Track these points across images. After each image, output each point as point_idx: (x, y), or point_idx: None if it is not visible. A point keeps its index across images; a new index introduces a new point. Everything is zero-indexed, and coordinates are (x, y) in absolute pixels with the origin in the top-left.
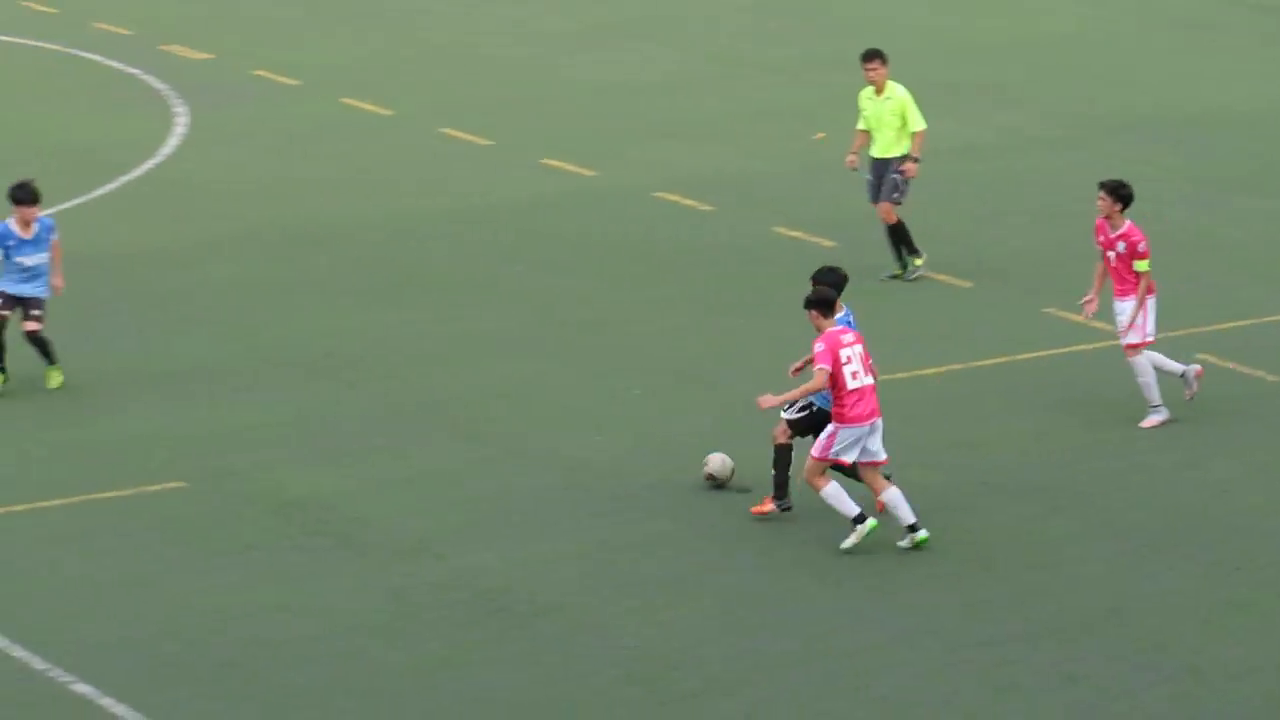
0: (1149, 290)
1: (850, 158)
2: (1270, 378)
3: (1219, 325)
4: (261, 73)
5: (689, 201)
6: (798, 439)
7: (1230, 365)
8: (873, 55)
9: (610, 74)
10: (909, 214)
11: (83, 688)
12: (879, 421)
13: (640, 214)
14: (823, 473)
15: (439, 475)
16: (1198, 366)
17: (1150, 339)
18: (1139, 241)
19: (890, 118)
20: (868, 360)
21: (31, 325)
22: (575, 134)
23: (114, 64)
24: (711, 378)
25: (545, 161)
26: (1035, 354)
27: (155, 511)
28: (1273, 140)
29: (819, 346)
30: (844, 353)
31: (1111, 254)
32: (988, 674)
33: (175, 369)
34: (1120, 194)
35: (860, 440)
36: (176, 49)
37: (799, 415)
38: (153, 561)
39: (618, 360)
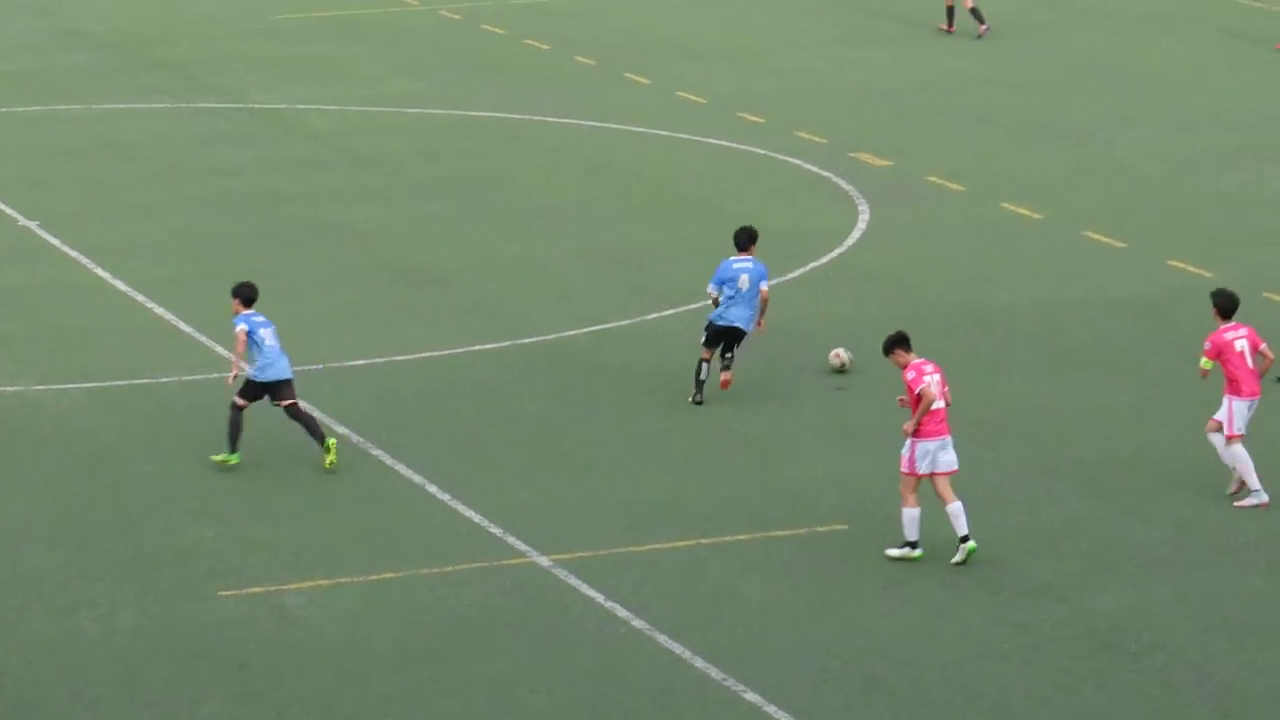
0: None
1: None
2: None
3: None
4: (934, 179)
5: None
6: None
7: None
8: None
9: (1234, 188)
10: None
11: (752, 696)
12: (949, 439)
13: (1248, 311)
14: (914, 488)
15: (1065, 525)
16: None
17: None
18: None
19: None
20: (944, 387)
21: None
22: (1198, 238)
23: (809, 167)
24: None
25: (1170, 262)
26: None
27: (822, 548)
28: None
29: (910, 375)
30: (926, 378)
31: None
32: None
33: (849, 426)
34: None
35: (931, 453)
36: (863, 156)
37: None
38: (819, 590)
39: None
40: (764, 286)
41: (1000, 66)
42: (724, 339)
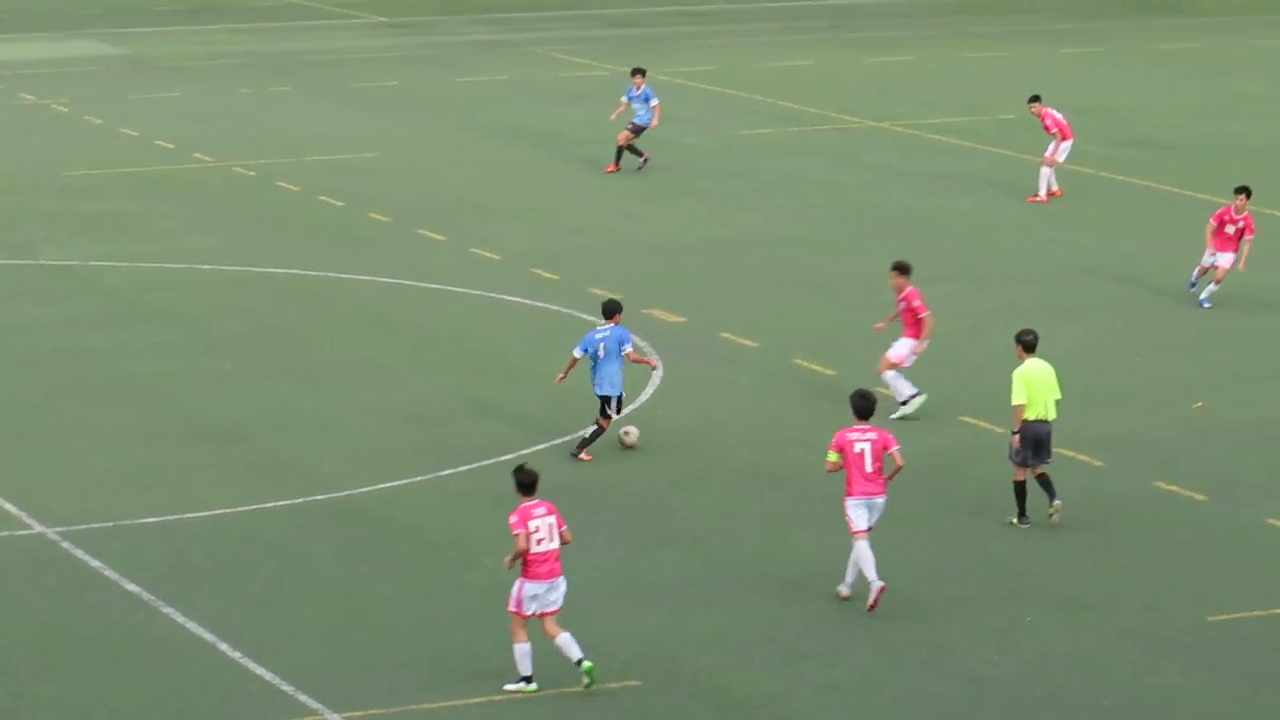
0: None
1: None
2: None
3: None
4: (727, 335)
5: None
6: None
7: None
8: None
9: None
10: None
11: None
12: (560, 580)
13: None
14: (523, 626)
15: (859, 681)
16: None
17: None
18: None
19: None
20: (562, 527)
21: None
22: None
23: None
24: None
25: (961, 418)
26: None
27: (614, 704)
28: None
29: (513, 518)
30: (532, 524)
31: None
32: None
33: (640, 582)
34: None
35: (538, 596)
36: (657, 312)
37: None
38: None
39: None
40: (628, 349)
41: (794, 223)
42: (607, 402)
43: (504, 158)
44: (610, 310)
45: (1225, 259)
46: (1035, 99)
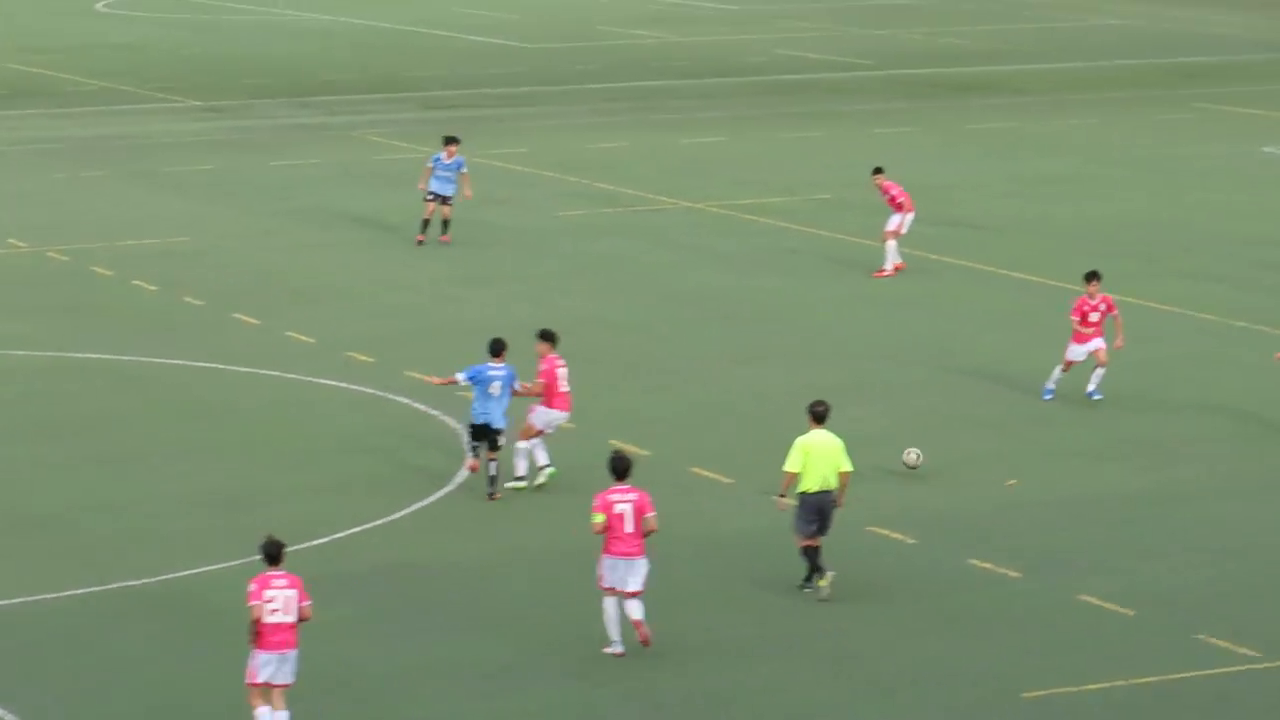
0: None
1: None
2: None
3: None
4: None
5: None
6: None
7: None
8: None
9: (834, 425)
10: None
11: None
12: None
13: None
14: (259, 695)
15: None
16: None
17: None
18: None
19: None
20: (304, 601)
21: None
22: None
23: (418, 406)
24: None
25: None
26: None
27: None
28: None
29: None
30: (268, 593)
31: None
32: None
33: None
34: None
35: (269, 665)
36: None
37: None
38: None
39: None
40: (516, 386)
41: (610, 305)
42: (485, 435)
43: (319, 241)
44: (498, 349)
45: (1097, 344)
46: (878, 171)
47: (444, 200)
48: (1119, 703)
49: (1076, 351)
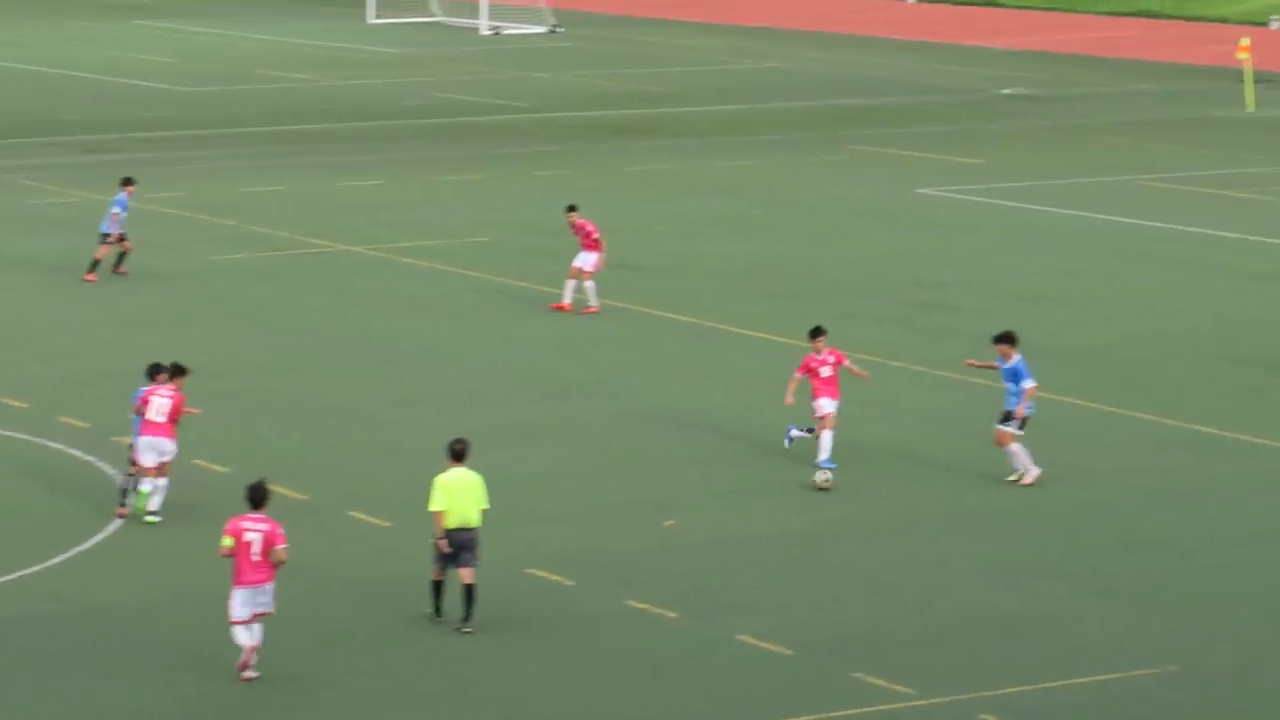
0: None
1: None
2: None
3: None
4: (200, 461)
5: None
6: None
7: None
8: None
9: (495, 462)
10: None
11: None
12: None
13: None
14: None
15: None
16: None
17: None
18: None
19: None
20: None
21: None
22: None
23: (73, 452)
24: None
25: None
26: None
27: None
28: None
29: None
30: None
31: None
32: None
33: None
34: None
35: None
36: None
37: None
38: None
39: None
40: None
41: (267, 350)
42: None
43: None
44: (156, 371)
45: (829, 405)
46: (572, 209)
47: (120, 239)
48: None
49: (824, 406)
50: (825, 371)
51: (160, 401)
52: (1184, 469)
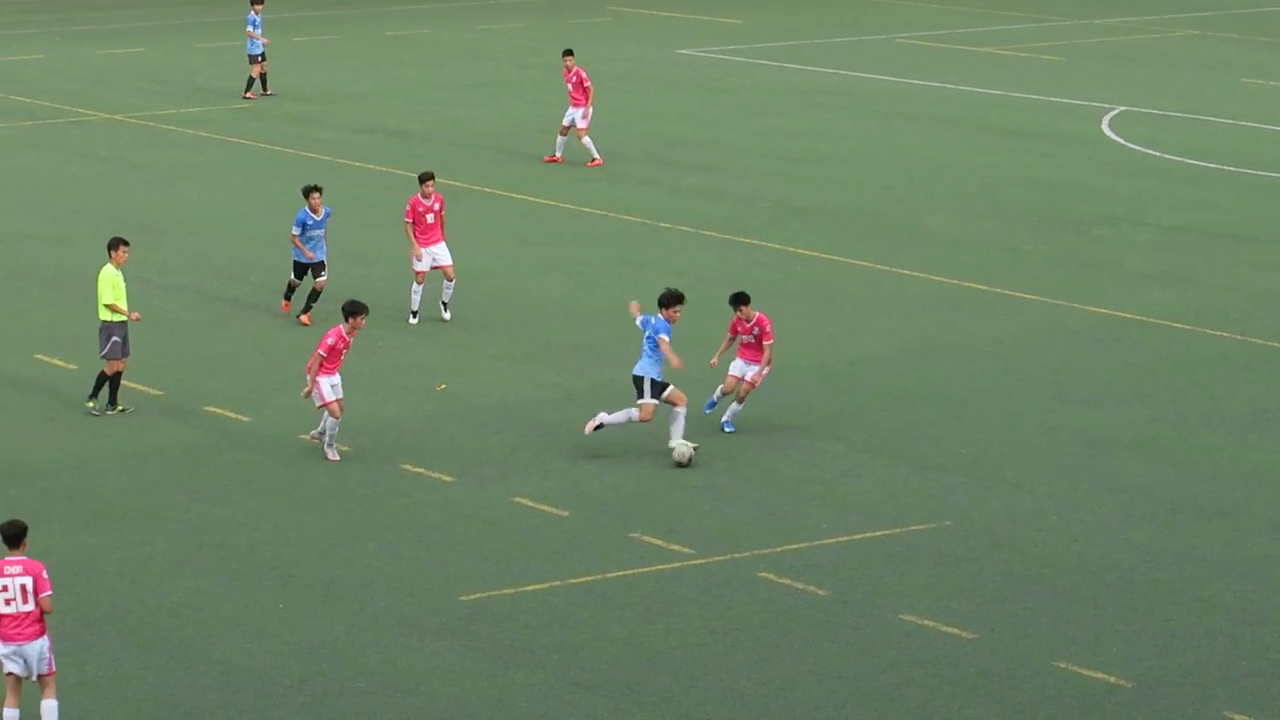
0: None
1: None
2: None
3: None
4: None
5: None
6: None
7: None
8: None
9: (268, 331)
10: None
11: None
12: (24, 647)
13: None
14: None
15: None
16: None
17: None
18: None
19: None
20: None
21: None
22: (234, 386)
23: None
24: None
25: (207, 408)
26: None
27: None
28: None
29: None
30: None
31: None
32: None
33: None
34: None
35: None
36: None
37: None
38: None
39: None
40: None
41: (29, 219)
42: None
43: None
44: None
45: (751, 370)
46: (569, 53)
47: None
48: (558, 603)
49: (740, 368)
50: (747, 339)
51: None
52: (953, 326)
